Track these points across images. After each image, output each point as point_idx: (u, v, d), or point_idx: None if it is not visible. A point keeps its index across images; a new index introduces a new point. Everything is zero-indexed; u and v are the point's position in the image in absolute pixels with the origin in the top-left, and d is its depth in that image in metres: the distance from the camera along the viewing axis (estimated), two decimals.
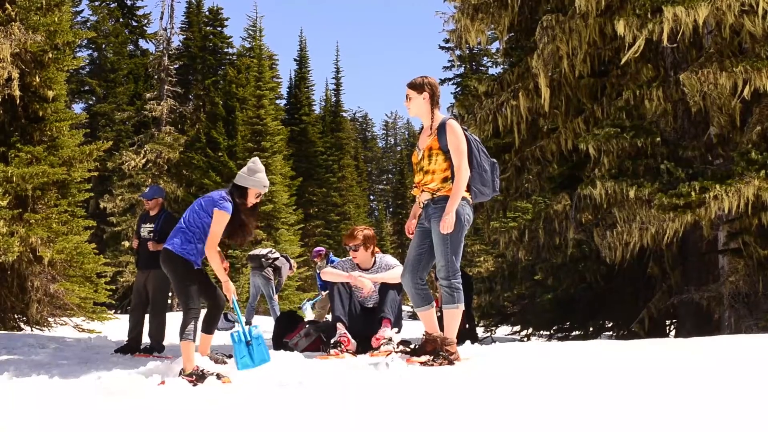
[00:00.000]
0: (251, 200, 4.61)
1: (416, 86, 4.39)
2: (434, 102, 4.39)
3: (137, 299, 7.14)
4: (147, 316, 7.11)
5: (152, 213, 7.16)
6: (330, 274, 5.80)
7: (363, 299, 5.77)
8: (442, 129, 4.30)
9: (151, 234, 7.00)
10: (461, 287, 4.28)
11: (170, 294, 8.44)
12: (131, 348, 6.89)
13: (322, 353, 5.51)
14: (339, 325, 5.48)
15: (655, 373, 3.38)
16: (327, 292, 12.12)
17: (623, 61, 7.94)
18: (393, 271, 5.66)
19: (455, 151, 4.23)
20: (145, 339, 7.13)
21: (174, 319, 7.64)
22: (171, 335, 8.00)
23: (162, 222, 7.05)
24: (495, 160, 4.48)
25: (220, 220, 4.44)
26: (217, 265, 4.47)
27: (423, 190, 4.37)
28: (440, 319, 4.35)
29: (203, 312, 4.59)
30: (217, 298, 4.66)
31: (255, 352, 4.33)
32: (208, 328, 4.72)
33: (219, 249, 4.56)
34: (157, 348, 6.98)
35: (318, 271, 11.76)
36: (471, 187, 4.33)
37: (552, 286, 11.76)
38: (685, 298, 8.38)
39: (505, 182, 9.97)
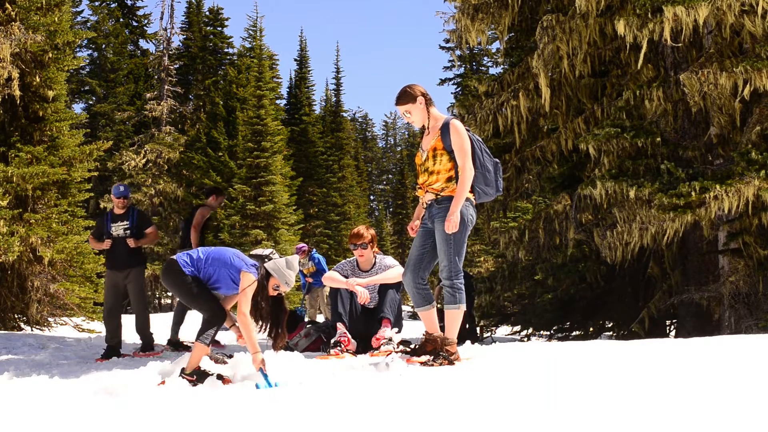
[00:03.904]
0: (269, 289, 4.35)
1: (409, 98, 4.32)
2: (429, 102, 4.38)
3: (114, 300, 6.91)
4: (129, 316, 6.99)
5: (120, 212, 6.98)
6: (330, 279, 5.80)
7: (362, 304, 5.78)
8: (445, 129, 4.28)
9: (128, 231, 6.92)
10: (463, 288, 4.28)
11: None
12: (116, 352, 6.70)
13: (322, 353, 5.51)
14: (339, 325, 5.48)
15: (655, 374, 3.37)
16: (309, 294, 12.34)
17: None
18: (389, 271, 5.65)
19: (459, 150, 4.21)
20: (136, 338, 7.05)
21: (173, 319, 7.66)
22: (169, 335, 7.97)
23: (136, 218, 6.99)
24: (498, 160, 4.46)
25: (247, 282, 4.19)
26: (248, 333, 4.13)
27: (427, 191, 4.36)
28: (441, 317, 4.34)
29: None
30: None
31: None
32: None
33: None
34: (148, 343, 6.92)
35: (300, 269, 11.87)
36: (474, 187, 4.31)
37: (552, 286, 11.77)
38: (685, 298, 8.38)
39: (506, 182, 9.98)
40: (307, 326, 6.74)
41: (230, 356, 4.68)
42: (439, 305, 5.63)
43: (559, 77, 9.08)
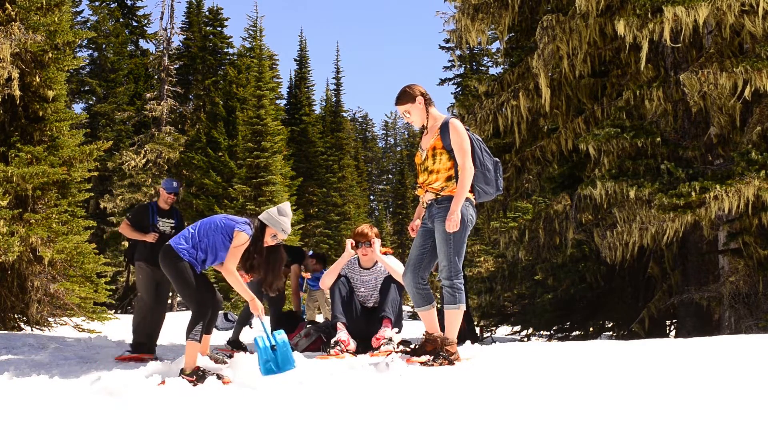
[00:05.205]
0: (266, 239, 4.49)
1: (408, 97, 4.34)
2: (428, 102, 4.38)
3: (155, 296, 6.50)
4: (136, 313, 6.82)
5: (166, 207, 6.71)
6: (329, 274, 5.78)
7: (363, 298, 5.78)
8: (444, 128, 4.28)
9: (173, 229, 6.68)
10: (463, 288, 4.28)
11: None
12: (152, 349, 6.47)
13: (322, 353, 5.51)
14: (339, 325, 5.48)
15: (655, 374, 3.37)
16: (308, 297, 12.27)
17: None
18: (397, 264, 5.65)
19: (459, 149, 4.22)
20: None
21: (176, 319, 7.64)
22: (172, 335, 7.98)
23: (179, 219, 6.84)
24: (497, 159, 4.46)
25: (239, 242, 4.34)
26: (239, 286, 4.38)
27: (427, 191, 4.36)
28: (440, 317, 4.34)
29: None
30: (215, 299, 4.67)
31: (280, 357, 4.17)
32: (207, 328, 4.72)
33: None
34: (151, 346, 6.67)
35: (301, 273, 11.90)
36: (474, 186, 4.31)
37: (552, 286, 11.78)
38: (685, 298, 8.38)
39: (506, 182, 9.97)
40: (307, 326, 6.74)
41: (230, 356, 4.68)
42: (438, 305, 5.63)
43: (559, 77, 9.08)
